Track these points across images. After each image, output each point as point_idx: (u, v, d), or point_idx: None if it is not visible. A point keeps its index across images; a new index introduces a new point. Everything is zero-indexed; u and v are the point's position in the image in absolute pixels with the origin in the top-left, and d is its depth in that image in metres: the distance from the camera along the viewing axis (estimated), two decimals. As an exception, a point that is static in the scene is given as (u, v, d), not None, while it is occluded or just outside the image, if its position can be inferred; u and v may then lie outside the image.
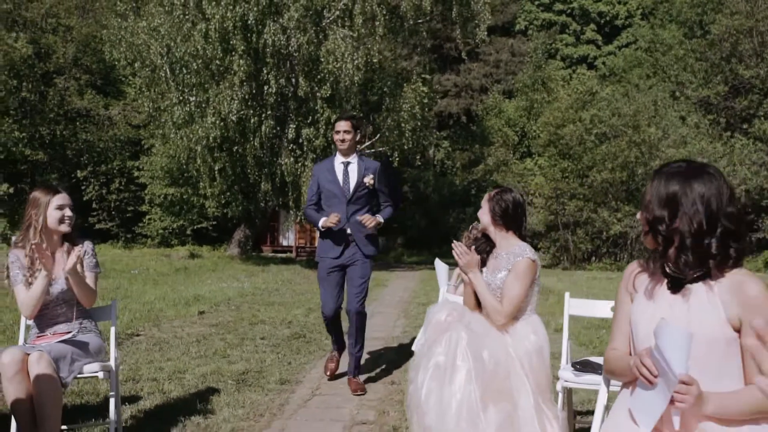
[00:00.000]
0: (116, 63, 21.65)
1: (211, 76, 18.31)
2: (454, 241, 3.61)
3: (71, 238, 3.82)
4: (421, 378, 3.22)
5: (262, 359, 6.42)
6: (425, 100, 21.85)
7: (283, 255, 31.04)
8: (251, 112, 18.45)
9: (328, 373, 5.71)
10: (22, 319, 3.89)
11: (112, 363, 3.80)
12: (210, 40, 17.37)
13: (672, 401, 1.83)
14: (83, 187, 31.56)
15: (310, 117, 19.20)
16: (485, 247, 3.61)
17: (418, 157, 24.08)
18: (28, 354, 3.38)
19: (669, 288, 2.07)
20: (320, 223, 5.44)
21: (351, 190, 5.45)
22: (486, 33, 22.58)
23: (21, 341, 3.85)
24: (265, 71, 18.04)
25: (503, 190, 3.64)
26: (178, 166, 24.39)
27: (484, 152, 32.90)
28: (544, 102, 33.54)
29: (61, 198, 3.71)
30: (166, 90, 18.91)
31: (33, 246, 3.59)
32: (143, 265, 21.15)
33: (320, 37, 18.76)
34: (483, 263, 3.57)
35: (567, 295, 4.10)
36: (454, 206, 34.80)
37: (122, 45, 19.42)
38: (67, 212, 3.73)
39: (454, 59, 38.45)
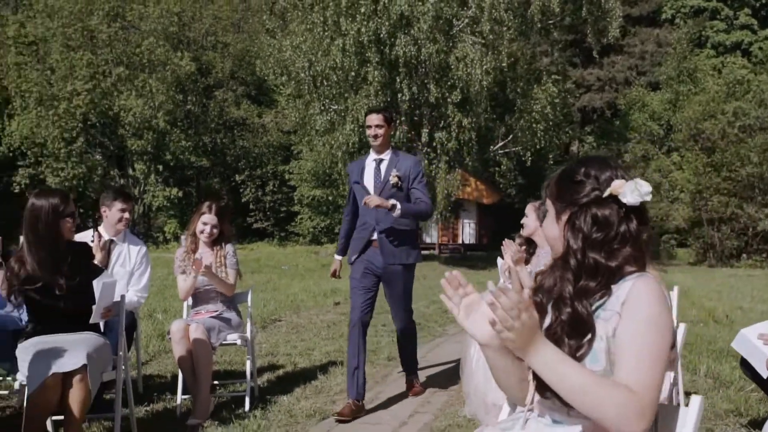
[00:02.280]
0: (266, 77, 23.73)
1: (349, 86, 19.77)
2: (506, 239, 4.49)
3: (219, 241, 5.06)
4: (472, 350, 4.19)
5: (378, 341, 7.52)
6: (556, 100, 22.25)
7: (426, 252, 32.23)
8: (387, 119, 19.77)
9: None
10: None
11: (248, 334, 5.02)
12: (347, 53, 18.82)
13: None
14: (241, 190, 34.34)
15: (442, 121, 20.24)
16: (528, 248, 4.47)
17: (551, 155, 24.44)
18: (189, 324, 4.64)
19: None
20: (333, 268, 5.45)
21: (380, 189, 4.91)
22: (618, 30, 22.60)
23: (184, 315, 5.13)
24: (398, 80, 19.26)
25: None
26: (323, 170, 26.18)
27: (621, 148, 32.43)
28: (690, 94, 32.60)
29: (208, 218, 4.94)
30: (309, 101, 20.65)
31: (186, 247, 4.90)
32: (293, 262, 23.08)
33: (450, 44, 19.72)
34: (527, 261, 4.43)
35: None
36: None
37: (270, 60, 21.42)
38: (207, 229, 4.95)
39: (597, 53, 38.12)
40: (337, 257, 5.41)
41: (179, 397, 4.72)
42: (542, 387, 1.64)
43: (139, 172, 33.57)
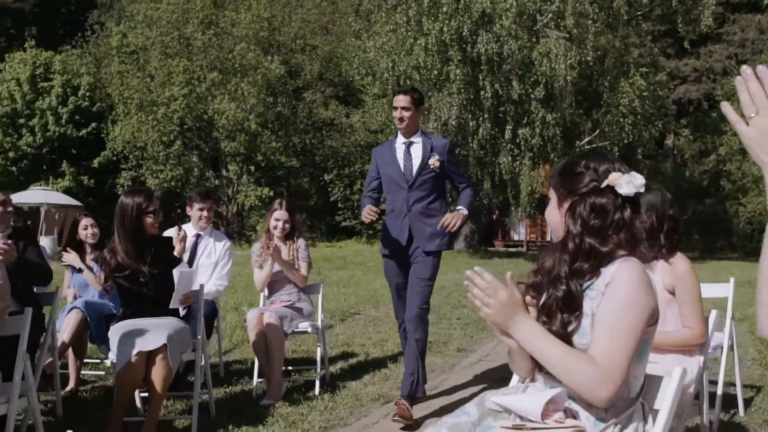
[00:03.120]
0: (351, 78, 24.21)
1: (433, 85, 19.96)
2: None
3: (291, 236, 5.40)
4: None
5: (450, 333, 7.73)
6: (645, 93, 21.74)
7: (514, 249, 32.04)
8: (469, 116, 19.85)
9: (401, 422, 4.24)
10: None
11: (318, 323, 5.34)
12: (429, 52, 19.02)
13: None
14: (330, 189, 35.05)
15: (526, 118, 20.14)
16: None
17: (640, 149, 23.84)
18: (263, 313, 5.00)
19: None
20: (362, 216, 4.84)
21: (414, 173, 4.70)
22: (712, 19, 21.87)
23: (261, 305, 5.50)
24: (480, 78, 19.32)
25: None
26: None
27: (716, 141, 31.25)
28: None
29: (280, 214, 5.29)
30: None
31: (262, 243, 5.27)
32: (379, 259, 23.46)
33: (533, 40, 19.61)
34: None
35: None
36: (692, 198, 33.43)
37: (355, 62, 21.88)
38: (280, 224, 5.30)
39: (692, 42, 36.80)
40: (369, 204, 4.85)
41: (255, 380, 5.09)
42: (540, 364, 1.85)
43: (232, 173, 34.70)
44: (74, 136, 32.16)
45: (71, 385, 5.02)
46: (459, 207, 4.74)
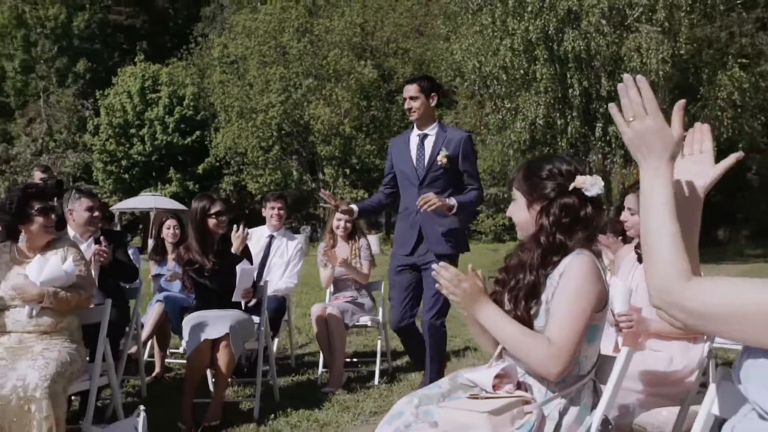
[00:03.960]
0: (439, 81, 24.47)
1: (521, 85, 19.96)
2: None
3: (353, 235, 5.77)
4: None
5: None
6: (745, 85, 20.93)
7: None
8: (557, 114, 19.72)
9: None
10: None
11: (379, 317, 5.68)
12: (515, 52, 19.04)
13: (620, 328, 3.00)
14: (424, 190, 35.44)
15: (616, 114, 19.84)
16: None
17: (741, 143, 22.90)
18: (326, 307, 5.39)
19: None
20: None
21: (424, 169, 4.44)
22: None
23: (327, 300, 5.89)
24: (568, 76, 19.17)
25: None
26: (499, 168, 26.48)
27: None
28: None
29: (341, 214, 5.66)
30: (480, 101, 21.13)
31: (326, 243, 5.66)
32: (471, 259, 23.60)
33: (624, 35, 19.28)
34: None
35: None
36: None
37: (443, 64, 22.14)
38: (342, 224, 5.66)
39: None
40: (353, 205, 4.81)
41: (320, 369, 5.49)
42: None
43: (328, 176, 35.58)
44: (180, 144, 33.92)
45: (157, 371, 5.57)
46: (449, 198, 4.32)
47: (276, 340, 6.01)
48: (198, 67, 37.57)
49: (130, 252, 5.46)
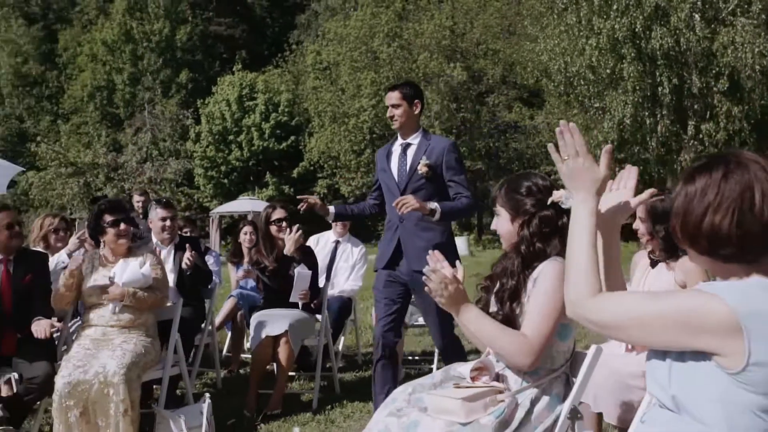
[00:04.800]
0: (525, 81, 24.38)
1: (608, 84, 19.72)
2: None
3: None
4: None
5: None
6: None
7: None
8: (646, 113, 19.37)
9: None
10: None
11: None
12: (602, 51, 18.84)
13: None
14: (521, 192, 35.23)
15: (708, 112, 19.28)
16: None
17: None
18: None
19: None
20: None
21: (405, 179, 4.19)
22: None
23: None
24: (657, 73, 18.80)
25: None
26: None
27: None
28: None
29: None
30: (567, 101, 20.98)
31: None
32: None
33: (716, 30, 18.74)
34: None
35: None
36: None
37: (529, 65, 22.11)
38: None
39: None
40: (330, 207, 4.52)
41: (382, 365, 5.83)
42: None
43: (419, 178, 35.88)
44: (276, 149, 35.11)
45: (233, 365, 6.07)
46: (431, 203, 4.00)
47: (342, 338, 6.39)
48: (292, 74, 38.72)
49: (211, 256, 6.02)
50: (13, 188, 30.70)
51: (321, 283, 5.50)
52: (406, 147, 4.26)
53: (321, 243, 6.19)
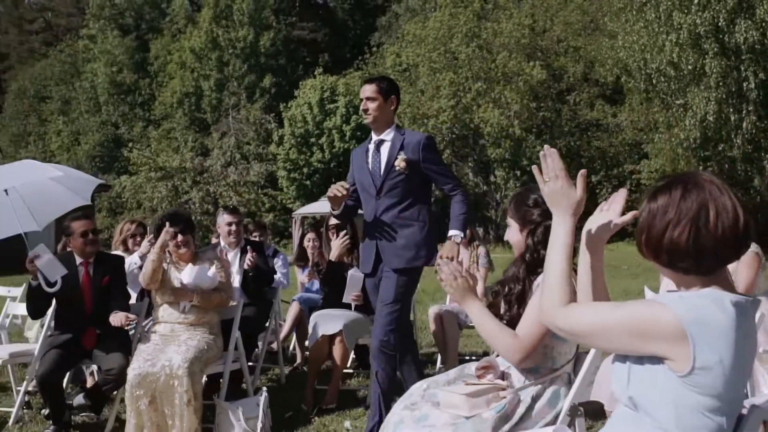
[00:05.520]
0: (603, 79, 24.00)
1: (690, 80, 19.23)
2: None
3: (472, 242, 6.27)
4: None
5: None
6: None
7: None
8: (731, 110, 18.79)
9: None
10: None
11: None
12: (682, 47, 18.40)
13: None
14: (597, 191, 34.53)
15: (800, 107, 18.59)
16: None
17: None
18: (441, 308, 5.95)
19: None
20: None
21: (381, 177, 4.05)
22: None
23: (447, 302, 6.42)
24: (742, 68, 18.22)
25: None
26: (671, 168, 25.47)
27: None
28: None
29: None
30: (647, 98, 20.56)
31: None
32: (637, 262, 22.90)
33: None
34: None
35: None
36: None
37: (608, 62, 21.78)
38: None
39: None
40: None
41: (438, 365, 6.04)
42: None
43: (499, 179, 35.76)
44: (356, 151, 35.63)
45: (297, 361, 6.40)
46: (451, 232, 3.96)
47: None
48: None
49: (279, 258, 6.38)
50: (108, 191, 32.41)
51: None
52: (379, 144, 4.12)
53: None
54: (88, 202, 5.22)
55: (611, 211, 2.06)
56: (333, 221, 5.27)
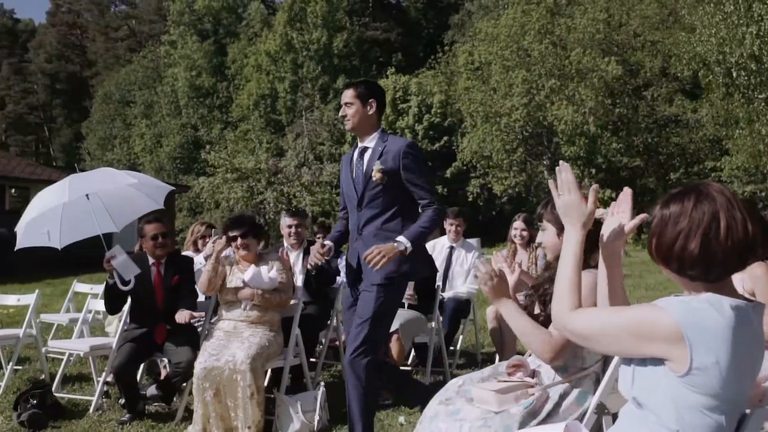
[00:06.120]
0: (680, 74, 23.36)
1: (772, 74, 18.60)
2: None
3: (530, 243, 6.34)
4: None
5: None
6: None
7: None
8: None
9: None
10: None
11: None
12: (764, 40, 17.78)
13: None
14: (678, 189, 33.63)
15: None
16: None
17: None
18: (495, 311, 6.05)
19: None
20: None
21: (361, 187, 3.90)
22: None
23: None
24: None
25: None
26: (754, 165, 24.59)
27: None
28: None
29: (518, 224, 6.24)
30: (727, 93, 19.93)
31: (508, 251, 6.30)
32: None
33: None
34: None
35: None
36: None
37: (685, 57, 21.21)
38: (518, 233, 6.23)
39: None
40: (327, 242, 4.11)
41: (496, 363, 6.13)
42: None
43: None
44: (429, 150, 35.78)
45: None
46: (399, 238, 3.72)
47: (461, 337, 6.74)
48: (445, 75, 39.21)
49: (342, 259, 6.61)
50: (188, 192, 33.55)
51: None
52: (363, 151, 3.96)
53: (437, 248, 6.57)
54: (162, 206, 5.56)
55: (621, 213, 2.15)
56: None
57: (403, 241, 3.68)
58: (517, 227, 6.25)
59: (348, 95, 3.93)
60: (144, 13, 60.55)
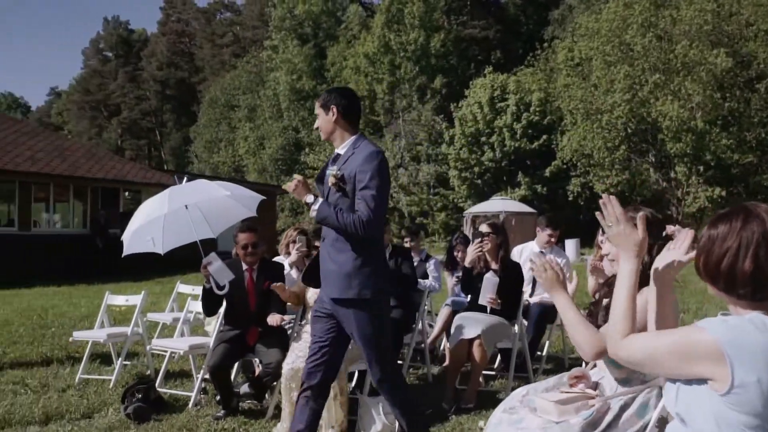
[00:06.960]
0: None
1: None
2: None
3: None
4: None
5: None
6: None
7: None
8: None
9: None
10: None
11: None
12: None
13: None
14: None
15: None
16: None
17: None
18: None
19: None
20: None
21: (326, 194, 3.80)
22: None
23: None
24: None
25: None
26: None
27: None
28: None
29: (549, 230, 6.21)
30: None
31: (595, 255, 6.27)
32: None
33: None
34: None
35: None
36: None
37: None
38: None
39: None
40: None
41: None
42: None
43: (680, 175, 33.95)
44: (527, 148, 35.40)
45: (446, 362, 6.72)
46: (317, 201, 3.68)
47: (547, 343, 6.74)
48: (544, 73, 38.63)
49: (431, 263, 6.78)
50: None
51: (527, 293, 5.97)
52: (336, 158, 3.85)
53: (525, 254, 6.59)
54: (254, 214, 5.87)
55: (678, 249, 2.18)
56: (484, 227, 5.54)
57: (314, 202, 3.66)
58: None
59: (316, 106, 3.89)
60: (247, 20, 62.67)
